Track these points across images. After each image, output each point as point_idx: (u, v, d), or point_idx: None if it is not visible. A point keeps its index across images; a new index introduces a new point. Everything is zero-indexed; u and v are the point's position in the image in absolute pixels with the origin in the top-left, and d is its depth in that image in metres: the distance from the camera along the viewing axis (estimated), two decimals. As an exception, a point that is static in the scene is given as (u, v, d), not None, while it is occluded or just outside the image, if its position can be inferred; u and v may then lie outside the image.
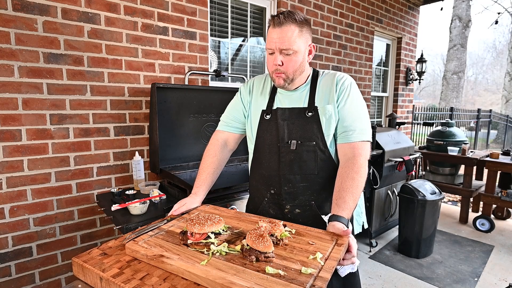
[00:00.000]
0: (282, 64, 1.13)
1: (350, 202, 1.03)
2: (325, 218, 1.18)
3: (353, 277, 1.23)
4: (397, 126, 3.57)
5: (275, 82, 1.19)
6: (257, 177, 1.31)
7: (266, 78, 1.36)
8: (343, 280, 1.19)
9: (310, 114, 1.18)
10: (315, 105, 1.19)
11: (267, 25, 1.21)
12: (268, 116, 1.25)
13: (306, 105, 1.20)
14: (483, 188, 3.58)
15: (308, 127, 1.18)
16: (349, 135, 1.16)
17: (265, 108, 1.27)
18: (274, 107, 1.25)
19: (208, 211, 1.18)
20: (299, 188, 1.19)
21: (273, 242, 0.89)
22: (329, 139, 1.18)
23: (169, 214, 1.17)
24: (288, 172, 1.19)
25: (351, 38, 3.70)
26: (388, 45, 4.62)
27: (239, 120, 1.37)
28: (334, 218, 1.00)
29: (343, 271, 1.13)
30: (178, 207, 1.19)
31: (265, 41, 2.96)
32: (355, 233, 1.22)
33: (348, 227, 0.98)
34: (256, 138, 1.29)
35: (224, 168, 1.40)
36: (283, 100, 1.25)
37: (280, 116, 1.22)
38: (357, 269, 1.19)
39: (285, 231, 0.94)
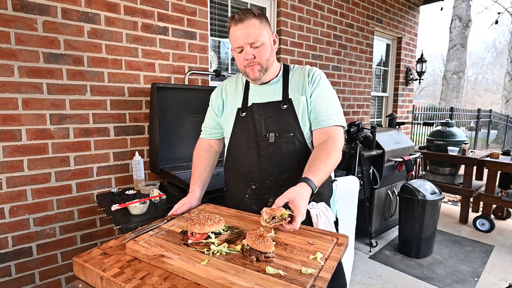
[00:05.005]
0: (254, 57, 1.15)
1: (322, 171, 1.04)
2: (309, 207, 1.18)
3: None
4: (397, 126, 3.57)
5: (250, 76, 1.20)
6: (235, 175, 1.31)
7: (237, 78, 1.37)
8: None
9: (285, 106, 1.20)
10: (289, 97, 1.21)
11: (227, 25, 1.20)
12: (243, 114, 1.26)
13: (280, 98, 1.22)
14: (483, 188, 3.58)
15: (284, 120, 1.20)
16: (321, 120, 1.19)
17: (240, 106, 1.28)
18: (249, 104, 1.26)
19: (208, 211, 1.18)
20: (281, 180, 1.20)
21: (276, 222, 0.89)
22: (305, 130, 1.20)
23: (169, 214, 1.17)
24: (269, 165, 1.20)
25: (351, 38, 3.70)
26: (388, 45, 4.62)
27: (214, 126, 1.41)
28: (303, 180, 1.00)
29: None
30: (179, 207, 1.19)
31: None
32: (332, 220, 1.22)
33: (314, 193, 1.00)
34: (232, 135, 1.29)
35: (221, 169, 1.40)
36: (257, 96, 1.26)
37: (256, 111, 1.23)
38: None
39: (286, 210, 0.93)
